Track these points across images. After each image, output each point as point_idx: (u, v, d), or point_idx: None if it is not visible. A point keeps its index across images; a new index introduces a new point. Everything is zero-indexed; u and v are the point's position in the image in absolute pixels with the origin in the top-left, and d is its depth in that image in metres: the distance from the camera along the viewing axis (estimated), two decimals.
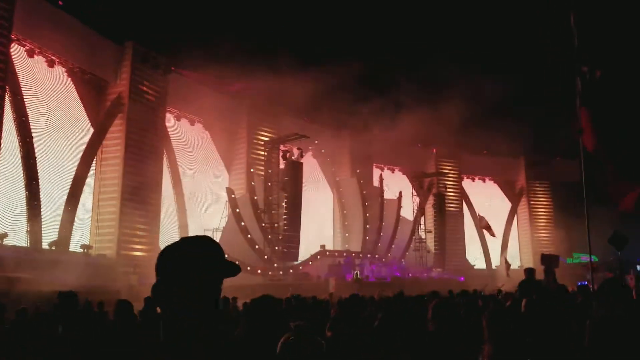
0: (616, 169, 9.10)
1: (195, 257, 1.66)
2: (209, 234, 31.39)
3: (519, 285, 8.50)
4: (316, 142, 35.24)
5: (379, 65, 39.30)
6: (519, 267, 42.65)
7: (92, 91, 29.23)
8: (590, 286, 8.09)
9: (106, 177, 28.53)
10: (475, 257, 48.75)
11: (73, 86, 28.26)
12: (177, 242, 1.72)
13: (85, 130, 28.27)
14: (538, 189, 53.07)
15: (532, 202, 52.70)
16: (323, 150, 40.84)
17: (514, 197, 53.25)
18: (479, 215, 41.92)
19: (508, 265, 35.48)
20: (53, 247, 24.55)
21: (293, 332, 2.57)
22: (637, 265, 45.40)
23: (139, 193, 28.51)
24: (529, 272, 9.23)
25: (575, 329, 4.13)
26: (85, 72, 28.62)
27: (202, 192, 34.47)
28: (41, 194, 24.55)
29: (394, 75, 42.34)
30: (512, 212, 52.74)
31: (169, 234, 31.67)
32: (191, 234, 29.07)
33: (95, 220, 28.07)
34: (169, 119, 33.23)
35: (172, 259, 1.66)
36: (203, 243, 1.73)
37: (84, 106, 28.64)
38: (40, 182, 24.56)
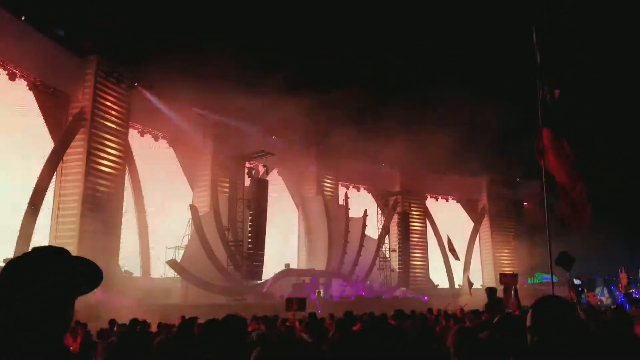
0: (568, 190, 9.30)
1: (39, 270, 1.43)
2: (171, 251, 31.14)
3: (485, 307, 8.60)
4: (274, 154, 34.96)
5: (346, 84, 39.60)
6: (481, 286, 43.19)
7: (54, 105, 28.64)
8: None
9: (66, 193, 27.89)
10: (438, 277, 49.15)
11: (35, 100, 27.68)
12: (25, 254, 1.52)
13: (46, 145, 27.64)
14: (500, 209, 53.96)
15: (494, 222, 53.50)
16: (288, 169, 40.85)
17: (476, 217, 54.04)
18: (447, 237, 42.60)
19: (470, 284, 35.97)
20: None
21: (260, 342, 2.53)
22: (598, 286, 46.58)
23: (99, 209, 27.95)
24: (490, 292, 9.35)
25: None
26: (47, 86, 28.08)
27: (164, 209, 34.00)
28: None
29: (361, 94, 42.73)
30: (475, 232, 53.46)
31: (130, 251, 31.10)
32: (153, 251, 28.49)
33: (54, 237, 27.33)
34: (133, 135, 32.81)
35: (16, 271, 1.44)
36: (48, 255, 1.50)
37: (45, 120, 28.03)
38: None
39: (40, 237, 26.38)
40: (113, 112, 29.78)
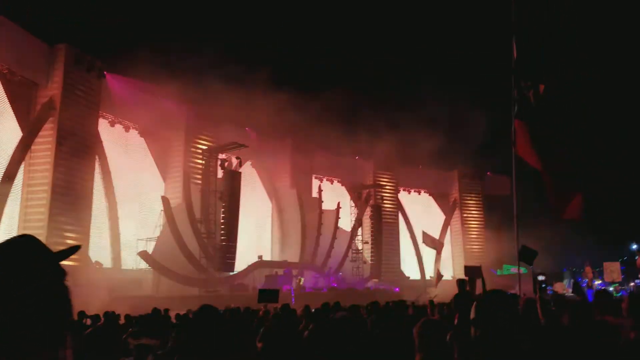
0: (554, 178, 9.44)
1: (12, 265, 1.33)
2: (142, 243, 30.87)
3: (454, 297, 8.75)
4: (248, 147, 34.76)
5: (320, 77, 39.62)
6: (451, 277, 43.79)
7: (22, 94, 28.03)
8: (520, 296, 8.43)
9: (34, 184, 27.36)
10: (410, 269, 49.68)
11: (1, 88, 27.06)
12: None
13: (14, 134, 27.07)
14: (470, 202, 54.70)
15: (465, 215, 54.21)
16: (263, 160, 40.73)
17: (447, 210, 54.66)
18: (422, 232, 43.06)
19: (440, 276, 36.43)
20: None
21: None
22: (566, 278, 47.57)
23: (68, 200, 27.51)
24: (460, 283, 9.53)
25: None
26: (15, 74, 27.44)
27: (136, 201, 33.63)
28: None
29: (335, 88, 42.80)
30: (446, 224, 54.09)
31: (100, 243, 30.73)
32: (123, 242, 28.23)
33: (22, 228, 26.81)
34: (103, 125, 32.32)
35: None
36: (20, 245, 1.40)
37: (13, 109, 27.43)
38: None
39: (8, 227, 25.92)
40: (82, 101, 29.25)
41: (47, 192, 26.87)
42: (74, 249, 1.51)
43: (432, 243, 42.72)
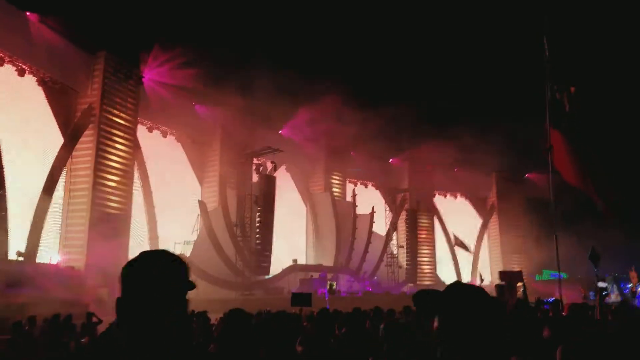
0: (595, 184, 9.24)
1: (158, 271, 1.66)
2: (180, 246, 31.30)
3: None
4: (282, 151, 34.91)
5: (355, 81, 39.59)
6: (489, 283, 43.09)
7: (63, 101, 28.75)
8: (560, 301, 8.23)
9: (76, 188, 28.02)
10: (446, 273, 49.08)
11: (44, 95, 27.83)
12: (139, 256, 1.73)
13: (55, 140, 27.78)
14: (509, 205, 53.60)
15: (503, 219, 53.18)
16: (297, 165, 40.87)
17: (485, 214, 53.81)
18: (452, 234, 42.54)
19: (482, 279, 35.91)
20: (20, 258, 23.94)
21: None
22: (599, 282, 46.24)
23: (109, 204, 28.13)
24: (499, 289, 9.38)
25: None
26: (56, 82, 28.18)
27: (173, 205, 34.12)
28: (9, 205, 23.93)
29: (370, 90, 42.67)
30: (483, 229, 53.25)
31: (139, 246, 31.23)
32: (162, 246, 28.65)
33: (64, 232, 27.51)
34: (142, 131, 32.91)
35: (135, 274, 1.67)
36: (164, 257, 1.73)
37: (54, 116, 28.16)
38: (8, 192, 23.96)
39: (51, 232, 26.62)
40: (121, 108, 29.85)
41: (88, 196, 27.44)
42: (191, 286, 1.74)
43: (462, 245, 42.09)
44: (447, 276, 48.78)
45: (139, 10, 32.51)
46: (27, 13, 26.61)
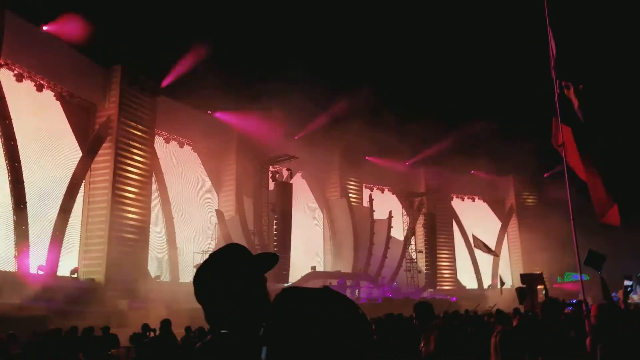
0: (596, 183, 9.09)
1: (239, 261, 1.82)
2: (199, 256, 31.36)
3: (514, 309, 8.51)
4: (297, 158, 34.96)
5: (368, 87, 39.52)
6: (510, 286, 42.64)
7: (80, 115, 29.14)
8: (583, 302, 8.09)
9: (95, 201, 28.29)
10: (466, 278, 48.69)
11: (62, 110, 28.20)
12: (213, 255, 1.89)
13: (74, 154, 28.12)
14: (528, 207, 53.11)
15: (522, 221, 52.65)
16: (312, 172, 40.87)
17: (503, 216, 53.34)
18: (472, 235, 42.10)
19: (502, 283, 35.60)
20: (41, 272, 24.21)
21: None
22: (625, 280, 45.54)
23: (128, 215, 28.36)
24: (520, 292, 9.27)
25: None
26: (73, 96, 28.57)
27: (191, 214, 34.27)
28: (29, 219, 24.24)
29: (382, 96, 42.61)
30: (503, 232, 52.77)
31: (158, 257, 31.40)
32: (180, 256, 28.61)
33: (84, 244, 27.78)
34: (158, 141, 33.17)
35: (220, 269, 1.82)
36: (236, 248, 1.88)
37: (72, 130, 28.52)
38: (28, 206, 24.27)
39: (71, 242, 26.93)
40: (138, 120, 30.14)
41: (107, 208, 27.67)
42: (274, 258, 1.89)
43: (485, 247, 41.60)
44: (468, 281, 48.39)
45: (154, 21, 32.87)
46: (44, 28, 27.00)
